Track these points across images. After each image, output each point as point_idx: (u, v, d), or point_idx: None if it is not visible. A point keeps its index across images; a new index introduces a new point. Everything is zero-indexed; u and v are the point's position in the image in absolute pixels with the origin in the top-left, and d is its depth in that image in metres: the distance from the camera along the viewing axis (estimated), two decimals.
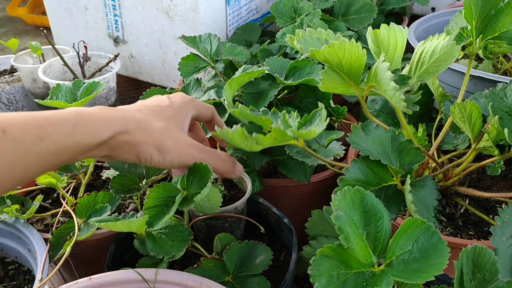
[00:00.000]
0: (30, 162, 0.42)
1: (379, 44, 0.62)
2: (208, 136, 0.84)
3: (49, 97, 0.84)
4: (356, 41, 0.56)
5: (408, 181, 0.57)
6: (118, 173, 0.79)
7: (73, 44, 1.38)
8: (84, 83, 0.88)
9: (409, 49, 0.84)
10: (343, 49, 0.55)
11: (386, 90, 0.56)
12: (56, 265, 0.66)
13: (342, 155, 0.80)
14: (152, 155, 0.54)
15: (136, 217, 0.67)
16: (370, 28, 0.62)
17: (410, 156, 0.62)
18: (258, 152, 0.87)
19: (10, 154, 0.40)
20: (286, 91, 0.95)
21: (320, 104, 0.60)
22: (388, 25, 0.63)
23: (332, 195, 0.49)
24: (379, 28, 0.63)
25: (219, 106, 0.89)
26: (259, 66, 0.84)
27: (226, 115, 0.83)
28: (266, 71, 0.86)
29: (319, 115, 0.59)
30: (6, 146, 0.40)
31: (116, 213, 0.82)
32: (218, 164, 0.60)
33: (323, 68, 0.64)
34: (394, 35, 0.60)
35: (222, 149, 0.88)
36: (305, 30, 0.62)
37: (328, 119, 0.58)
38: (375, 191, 0.60)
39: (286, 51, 1.08)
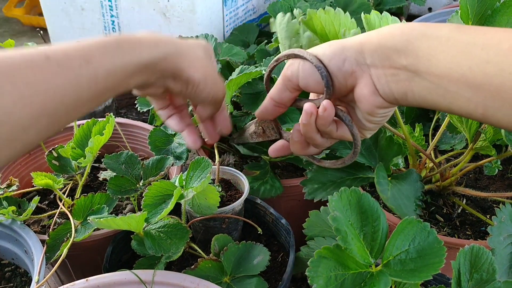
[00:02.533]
0: (82, 85, 0.40)
1: (370, 30, 0.61)
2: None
3: None
4: None
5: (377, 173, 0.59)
6: (115, 174, 0.78)
7: None
8: None
9: None
10: (339, 19, 0.54)
11: None
12: (53, 267, 0.66)
13: None
14: (199, 83, 0.50)
15: None
16: (362, 13, 0.61)
17: (392, 151, 0.63)
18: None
19: (57, 77, 0.38)
20: None
21: None
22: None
23: (328, 196, 0.49)
24: None
25: None
26: (257, 67, 0.84)
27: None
28: (264, 72, 0.86)
29: None
30: (52, 69, 0.38)
31: (113, 215, 0.82)
32: (224, 112, 0.59)
33: None
34: (386, 24, 0.59)
35: (222, 153, 0.88)
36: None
37: None
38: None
39: None
